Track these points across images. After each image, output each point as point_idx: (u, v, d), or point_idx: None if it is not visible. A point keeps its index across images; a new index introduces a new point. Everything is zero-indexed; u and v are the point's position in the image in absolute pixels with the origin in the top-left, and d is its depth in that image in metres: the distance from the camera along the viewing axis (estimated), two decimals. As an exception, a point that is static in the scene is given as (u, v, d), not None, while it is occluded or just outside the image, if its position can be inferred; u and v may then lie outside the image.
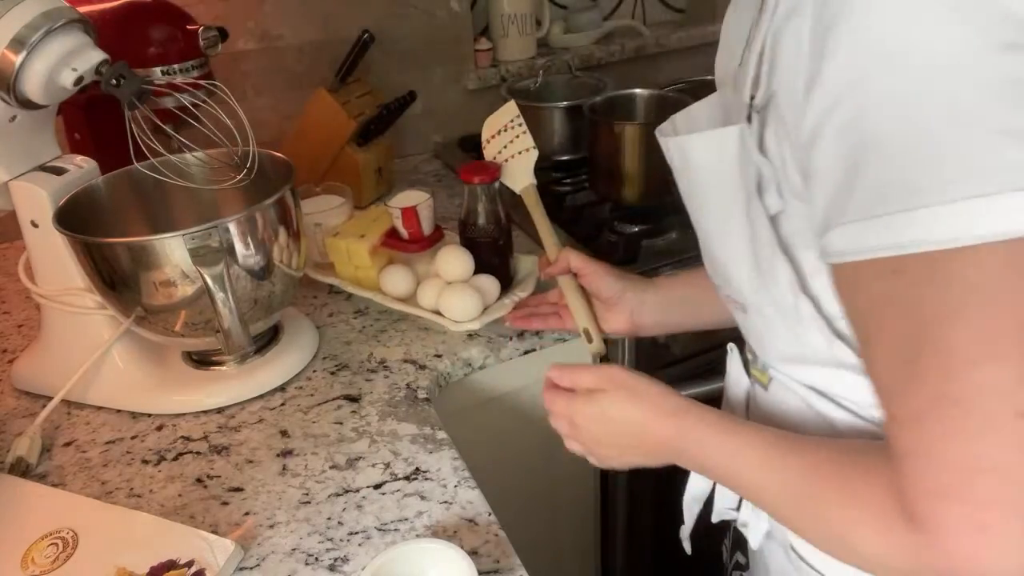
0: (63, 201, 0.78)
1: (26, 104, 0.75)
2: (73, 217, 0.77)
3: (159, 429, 0.82)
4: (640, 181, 1.13)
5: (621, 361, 1.05)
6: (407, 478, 0.73)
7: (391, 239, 0.98)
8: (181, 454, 0.78)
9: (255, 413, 0.83)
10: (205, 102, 0.85)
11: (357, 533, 0.68)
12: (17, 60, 0.71)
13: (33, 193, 0.78)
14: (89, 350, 0.82)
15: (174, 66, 0.95)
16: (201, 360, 0.88)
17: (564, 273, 0.84)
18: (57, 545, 0.67)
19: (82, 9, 0.76)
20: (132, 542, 0.67)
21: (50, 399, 0.82)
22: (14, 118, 0.77)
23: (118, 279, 0.76)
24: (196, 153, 0.86)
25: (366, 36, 1.20)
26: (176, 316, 0.79)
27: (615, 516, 1.19)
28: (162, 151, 0.79)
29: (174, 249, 0.73)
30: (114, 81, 0.74)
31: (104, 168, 0.85)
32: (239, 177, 0.80)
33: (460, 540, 0.66)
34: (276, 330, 0.92)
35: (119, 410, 0.84)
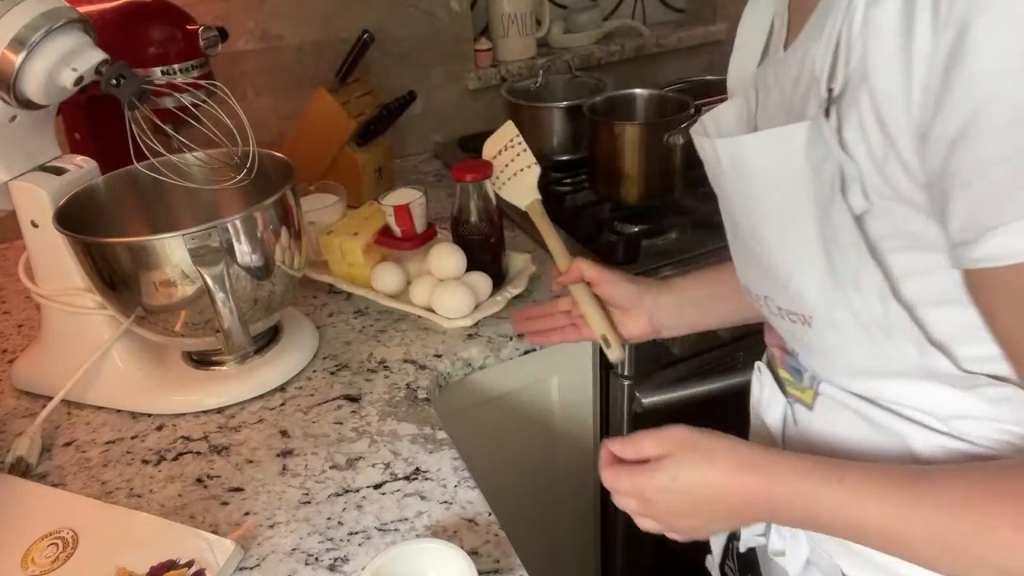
0: (63, 201, 0.78)
1: (26, 104, 0.75)
2: (73, 217, 0.77)
3: (159, 429, 0.82)
4: (640, 181, 1.13)
5: (622, 367, 1.05)
6: (407, 478, 0.73)
7: (384, 237, 0.98)
8: (181, 454, 0.78)
9: (255, 413, 0.83)
10: (205, 102, 0.85)
11: (357, 533, 0.68)
12: (17, 60, 0.71)
13: (33, 193, 0.78)
14: (89, 350, 0.82)
15: (174, 66, 0.95)
16: (201, 360, 0.88)
17: (576, 283, 0.82)
18: (57, 545, 0.67)
19: (82, 9, 0.76)
20: (132, 542, 0.67)
21: (50, 399, 0.82)
22: (14, 118, 0.77)
23: (118, 279, 0.76)
24: (196, 153, 0.86)
25: (366, 36, 1.20)
26: (176, 316, 0.79)
27: (615, 516, 1.19)
28: (162, 151, 0.79)
29: (174, 249, 0.73)
30: (114, 81, 0.74)
31: (104, 168, 0.85)
32: (239, 177, 0.80)
33: (460, 540, 0.66)
34: (276, 330, 0.92)
35: (119, 410, 0.84)
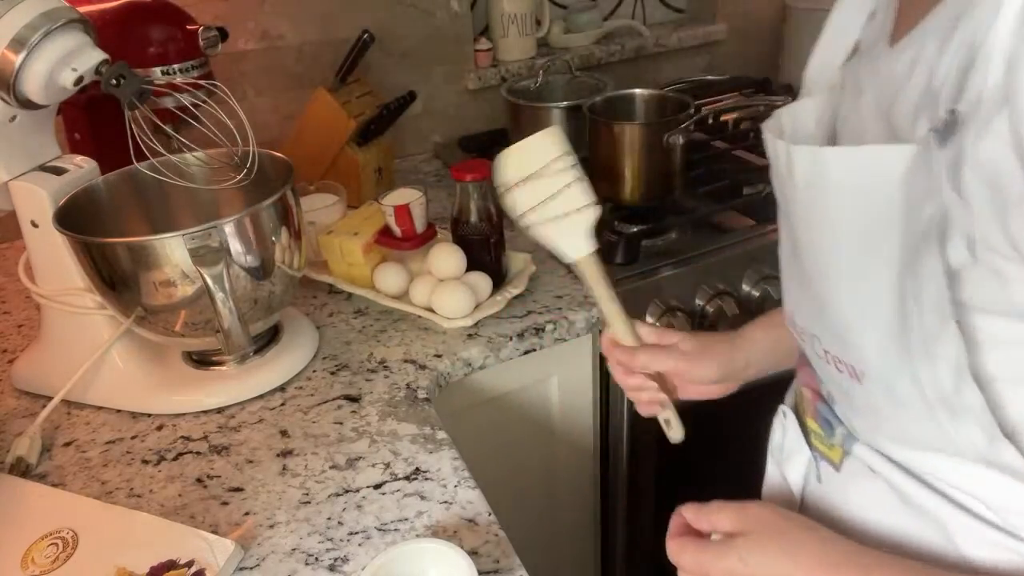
0: (63, 201, 0.78)
1: (26, 104, 0.75)
2: (73, 217, 0.77)
3: (159, 429, 0.82)
4: (640, 181, 1.13)
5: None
6: (407, 478, 0.73)
7: (384, 237, 0.98)
8: (181, 454, 0.78)
9: (255, 413, 0.83)
10: (205, 102, 0.85)
11: (357, 533, 0.68)
12: (17, 60, 0.71)
13: (33, 193, 0.78)
14: (89, 350, 0.82)
15: (174, 66, 0.95)
16: (201, 360, 0.88)
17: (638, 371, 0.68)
18: (57, 545, 0.67)
19: (82, 9, 0.76)
20: (132, 542, 0.67)
21: (50, 399, 0.82)
22: (14, 118, 0.77)
23: (118, 279, 0.76)
24: (196, 153, 0.86)
25: (366, 36, 1.20)
26: (176, 316, 0.79)
27: (615, 516, 1.19)
28: (162, 151, 0.79)
29: (174, 249, 0.73)
30: (114, 81, 0.74)
31: (104, 168, 0.85)
32: (239, 177, 0.80)
33: (460, 540, 0.66)
34: (276, 330, 0.92)
35: (119, 410, 0.84)
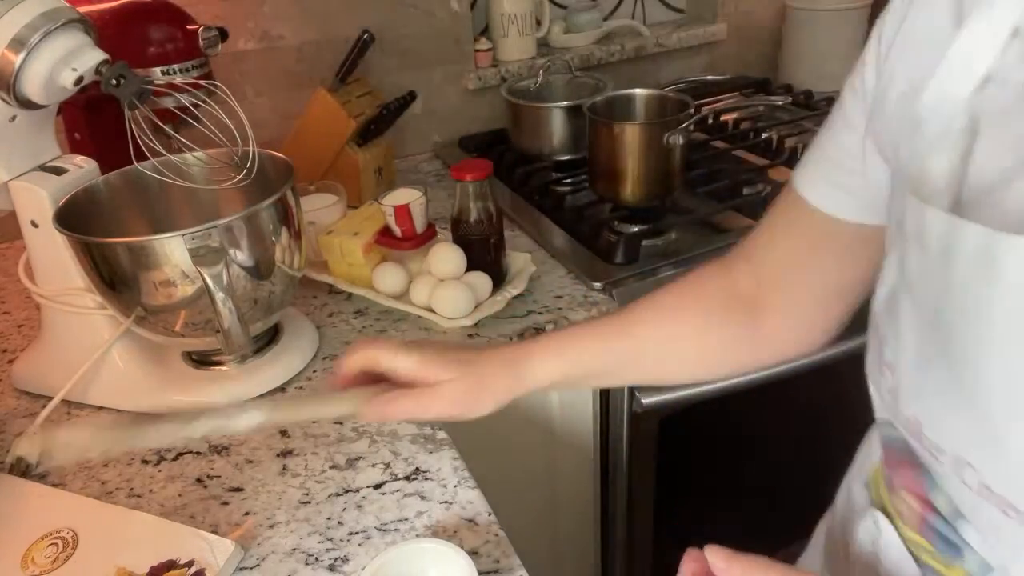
0: (63, 201, 0.78)
1: (26, 104, 0.75)
2: (73, 217, 0.77)
3: (159, 429, 0.82)
4: (640, 181, 1.13)
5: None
6: (407, 478, 0.73)
7: (384, 237, 0.98)
8: (181, 454, 0.78)
9: (255, 413, 0.83)
10: (205, 102, 0.85)
11: (357, 533, 0.68)
12: (17, 60, 0.71)
13: (33, 193, 0.78)
14: (89, 350, 0.82)
15: (174, 66, 0.95)
16: (201, 360, 0.88)
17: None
18: (57, 545, 0.67)
19: (82, 9, 0.76)
20: (132, 542, 0.67)
21: (50, 399, 0.82)
22: (14, 118, 0.77)
23: (118, 279, 0.76)
24: (196, 153, 0.86)
25: (366, 36, 1.20)
26: (176, 316, 0.79)
27: (615, 516, 1.19)
28: (162, 151, 0.79)
29: (174, 249, 0.73)
30: (114, 81, 0.74)
31: (104, 168, 0.85)
32: (239, 177, 0.80)
33: (460, 540, 0.66)
34: (276, 330, 0.92)
35: (119, 410, 0.85)
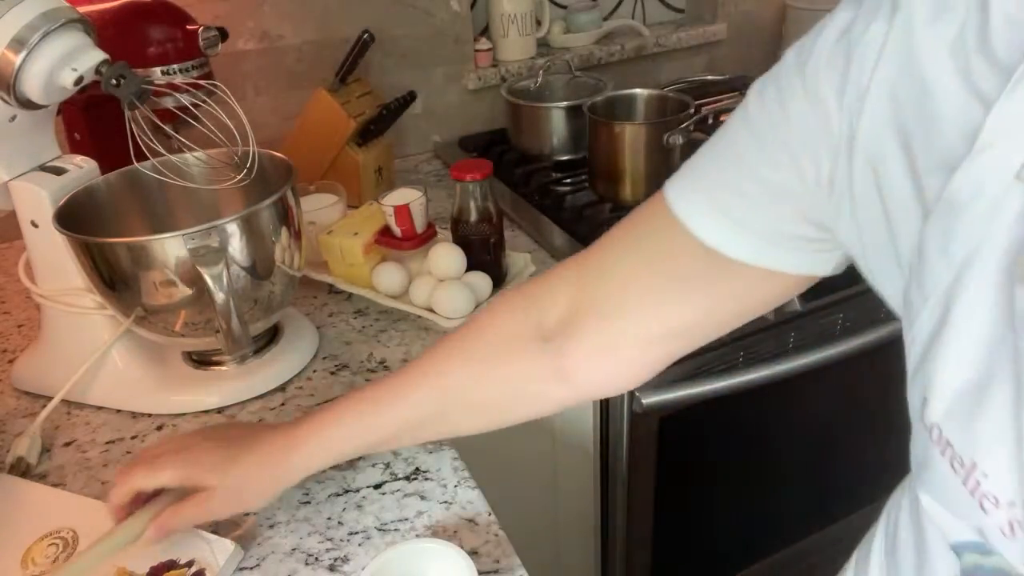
0: (63, 201, 0.78)
1: (26, 104, 0.75)
2: (73, 217, 0.77)
3: (159, 429, 0.82)
4: (640, 181, 1.13)
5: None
6: (407, 478, 0.73)
7: (384, 237, 0.98)
8: (181, 454, 0.78)
9: (255, 413, 0.83)
10: (205, 102, 0.85)
11: (357, 533, 0.68)
12: (17, 60, 0.71)
13: (33, 193, 0.78)
14: (89, 350, 0.82)
15: (174, 66, 0.95)
16: (201, 360, 0.88)
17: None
18: (57, 545, 0.67)
19: (82, 9, 0.76)
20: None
21: (50, 399, 0.82)
22: (14, 118, 0.77)
23: (118, 279, 0.76)
24: (196, 153, 0.86)
25: (366, 36, 1.20)
26: (176, 316, 0.79)
27: (615, 516, 1.19)
28: (162, 151, 0.79)
29: (174, 249, 0.73)
30: (114, 81, 0.74)
31: (104, 168, 0.85)
32: (239, 177, 0.80)
33: (460, 540, 0.66)
34: (276, 330, 0.92)
35: (119, 410, 0.84)
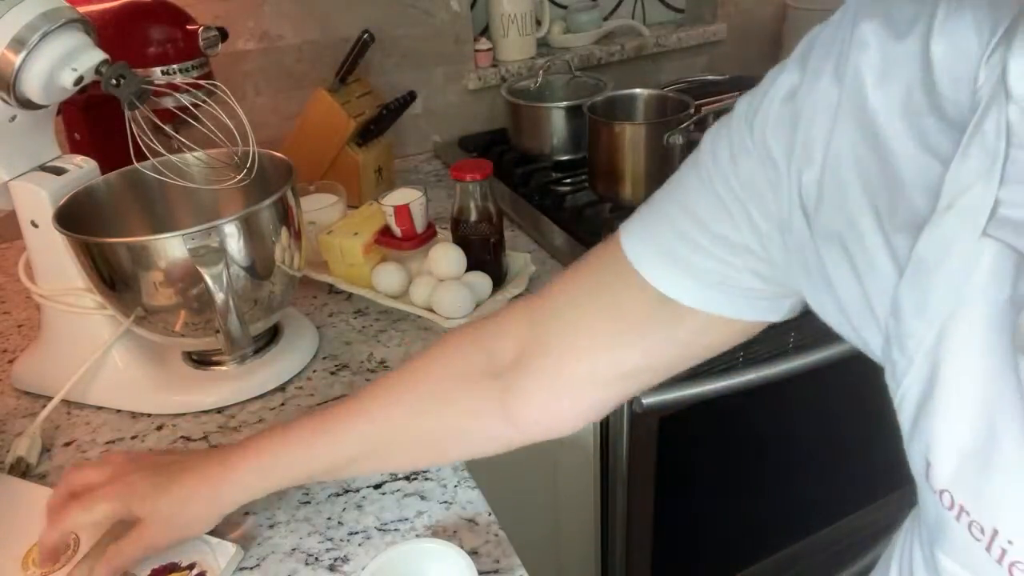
0: (63, 201, 0.78)
1: (26, 104, 0.75)
2: (73, 217, 0.77)
3: (159, 429, 0.82)
4: (640, 181, 1.13)
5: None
6: (407, 478, 0.73)
7: (384, 237, 0.98)
8: (181, 454, 0.78)
9: (255, 413, 0.83)
10: (205, 102, 0.85)
11: (357, 533, 0.68)
12: (17, 60, 0.71)
13: (33, 193, 0.78)
14: (89, 350, 0.82)
15: (174, 66, 0.95)
16: (201, 360, 0.88)
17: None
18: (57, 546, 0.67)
19: (82, 9, 0.76)
20: (132, 542, 0.67)
21: (50, 399, 0.82)
22: (14, 118, 0.77)
23: (118, 279, 0.76)
24: (196, 153, 0.86)
25: (366, 36, 1.20)
26: (176, 316, 0.79)
27: (615, 516, 1.19)
28: (162, 151, 0.79)
29: (174, 249, 0.73)
30: (114, 81, 0.74)
31: (104, 168, 0.85)
32: (239, 177, 0.80)
33: (460, 540, 0.66)
34: (276, 330, 0.92)
35: (119, 410, 0.84)
